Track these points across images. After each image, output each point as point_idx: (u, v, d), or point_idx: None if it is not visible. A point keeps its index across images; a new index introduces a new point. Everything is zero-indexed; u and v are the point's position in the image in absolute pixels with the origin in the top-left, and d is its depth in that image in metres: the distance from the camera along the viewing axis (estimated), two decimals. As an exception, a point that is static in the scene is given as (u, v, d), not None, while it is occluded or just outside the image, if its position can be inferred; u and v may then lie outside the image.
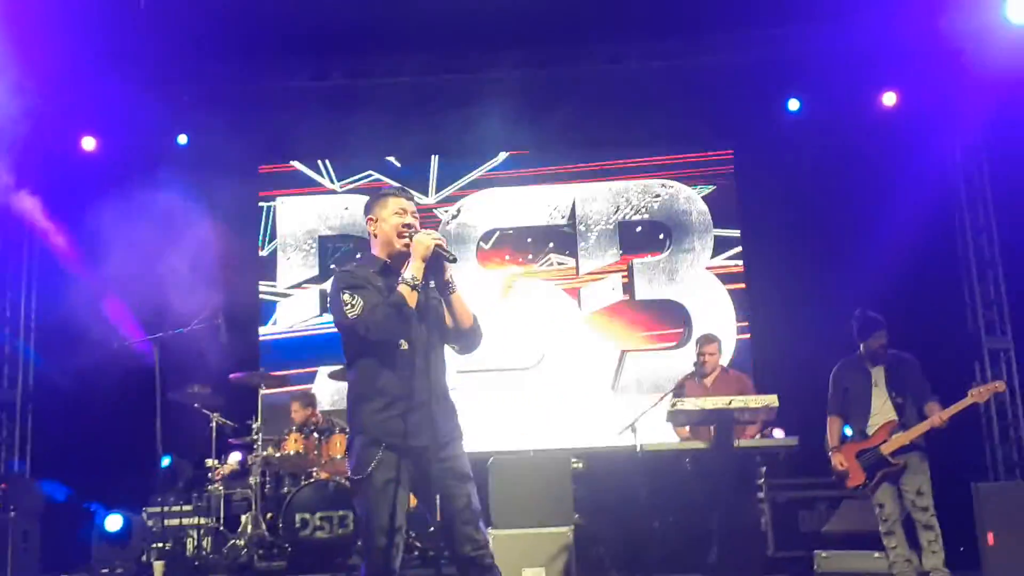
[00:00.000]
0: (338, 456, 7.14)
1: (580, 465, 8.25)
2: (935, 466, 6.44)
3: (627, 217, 9.96)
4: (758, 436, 6.99)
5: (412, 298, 3.72)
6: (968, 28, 8.29)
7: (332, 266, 9.65)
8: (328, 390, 9.08)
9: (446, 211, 9.97)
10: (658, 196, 9.98)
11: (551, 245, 9.91)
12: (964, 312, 9.42)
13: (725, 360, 7.41)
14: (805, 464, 7.78)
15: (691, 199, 9.95)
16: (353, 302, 3.71)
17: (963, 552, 6.71)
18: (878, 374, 6.60)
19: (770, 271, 9.53)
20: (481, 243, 9.89)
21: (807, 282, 9.07)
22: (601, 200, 9.98)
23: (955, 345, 9.00)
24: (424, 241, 3.78)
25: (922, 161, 8.95)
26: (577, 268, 9.86)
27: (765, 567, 6.67)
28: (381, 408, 3.72)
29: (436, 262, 3.82)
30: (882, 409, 6.52)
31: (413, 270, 3.76)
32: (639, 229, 9.94)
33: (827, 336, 7.89)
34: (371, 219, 4.00)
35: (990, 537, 6.30)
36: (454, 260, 3.88)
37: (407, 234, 3.89)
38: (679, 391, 7.08)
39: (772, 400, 6.47)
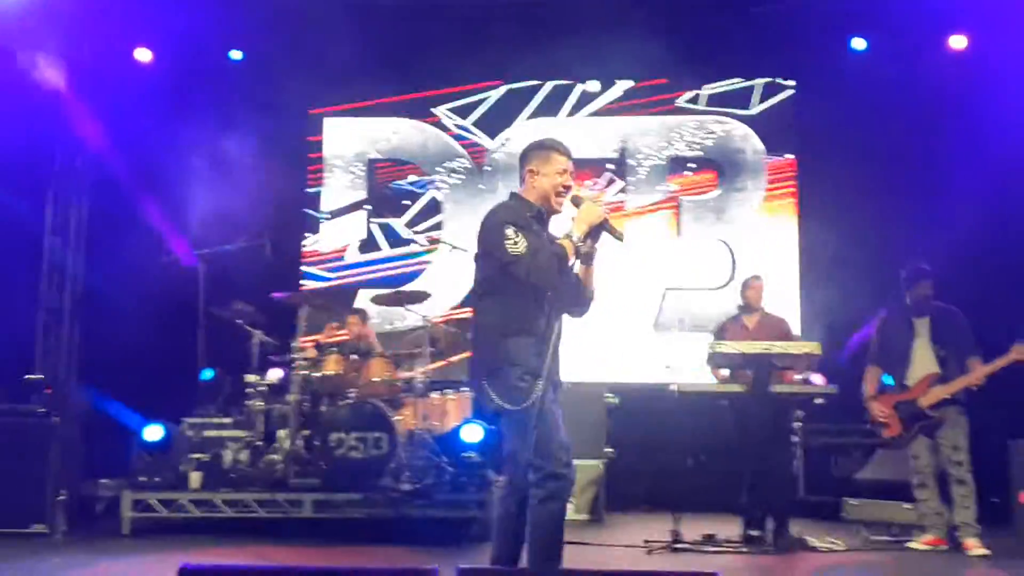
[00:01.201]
0: (376, 379, 7.22)
1: (616, 400, 8.30)
2: (973, 421, 6.37)
3: (680, 152, 9.81)
4: (799, 380, 6.93)
5: (572, 255, 3.90)
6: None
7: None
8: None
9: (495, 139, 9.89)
10: (712, 133, 9.80)
11: (599, 179, 9.81)
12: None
13: (771, 303, 7.33)
14: (842, 410, 7.72)
15: (747, 137, 9.75)
16: (517, 239, 3.84)
17: (995, 509, 6.65)
18: (922, 325, 6.50)
19: (823, 214, 9.31)
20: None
21: (860, 227, 8.87)
22: (653, 134, 9.82)
23: (1008, 301, 8.79)
24: (595, 211, 3.97)
25: (990, 111, 8.63)
26: (624, 202, 9.75)
27: (793, 510, 6.67)
28: (534, 343, 3.89)
29: (597, 232, 4.02)
30: (924, 361, 6.44)
31: (578, 230, 3.92)
32: (691, 165, 9.79)
33: (877, 284, 7.77)
34: (532, 170, 4.10)
35: (1022, 496, 6.22)
36: (621, 238, 4.06)
37: (564, 195, 4.07)
38: (720, 333, 7.03)
39: (815, 347, 6.41)
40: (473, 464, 6.89)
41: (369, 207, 9.88)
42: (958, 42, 9.10)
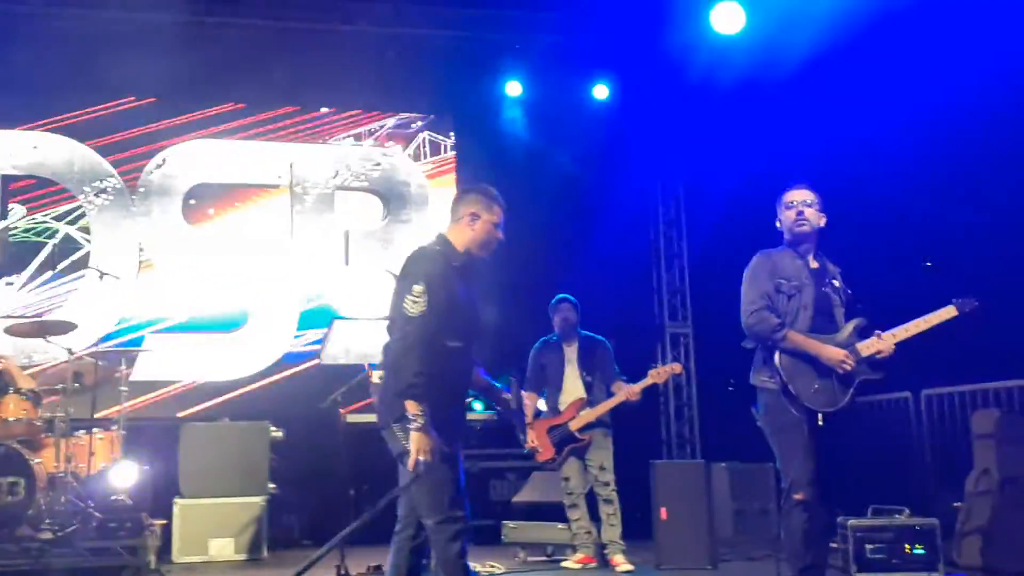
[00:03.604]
0: (11, 418, 6.54)
1: (280, 434, 8.09)
2: (618, 443, 6.85)
3: (346, 183, 9.81)
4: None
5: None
6: (679, 38, 8.82)
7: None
8: None
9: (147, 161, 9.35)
10: (378, 165, 9.90)
11: (265, 204, 9.57)
12: (652, 298, 10.12)
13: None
14: (498, 435, 8.03)
15: (411, 171, 9.94)
16: (418, 300, 3.82)
17: (638, 525, 7.18)
18: (571, 352, 6.93)
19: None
20: (189, 198, 9.36)
21: (523, 259, 9.31)
22: (321, 163, 9.75)
23: (641, 329, 9.63)
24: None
25: (626, 156, 9.48)
26: (292, 230, 9.58)
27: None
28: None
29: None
30: (573, 386, 6.85)
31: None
32: (357, 196, 9.82)
33: (530, 319, 8.17)
34: (474, 213, 4.08)
35: (663, 512, 6.76)
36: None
37: (494, 247, 4.14)
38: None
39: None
40: (124, 508, 6.42)
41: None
42: (601, 92, 9.91)
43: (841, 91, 7.88)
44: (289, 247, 9.50)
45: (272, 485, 7.78)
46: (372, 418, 6.74)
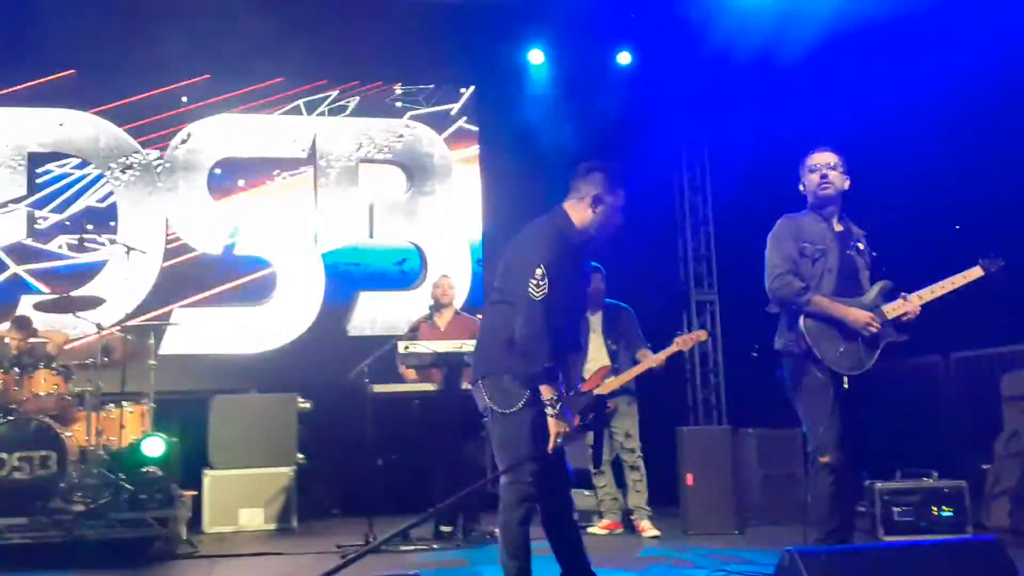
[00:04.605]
0: (41, 393, 6.64)
1: (308, 405, 8.15)
2: (643, 410, 6.86)
3: (369, 155, 9.81)
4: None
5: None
6: (702, 2, 8.72)
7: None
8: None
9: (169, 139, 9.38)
10: (401, 137, 9.89)
11: (288, 177, 9.60)
12: (677, 265, 10.07)
13: (460, 302, 7.50)
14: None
15: (433, 142, 9.92)
16: (541, 284, 3.83)
17: (665, 491, 7.21)
18: (596, 320, 6.92)
19: (507, 216, 9.68)
20: (215, 170, 9.40)
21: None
22: (344, 136, 9.76)
23: (667, 296, 9.58)
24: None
25: (650, 121, 9.40)
26: (316, 203, 9.61)
27: (483, 504, 6.87)
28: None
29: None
30: (597, 354, 6.86)
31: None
32: (381, 168, 9.82)
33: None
34: (597, 196, 4.06)
35: (689, 478, 6.77)
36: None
37: (613, 231, 4.13)
38: (412, 334, 7.09)
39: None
40: (154, 480, 6.50)
41: (29, 206, 9.04)
42: (624, 57, 9.84)
43: (866, 54, 7.76)
44: (314, 220, 9.53)
45: (301, 456, 7.85)
46: (399, 388, 6.89)
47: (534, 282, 3.82)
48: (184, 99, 9.36)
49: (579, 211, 4.08)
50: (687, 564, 5.57)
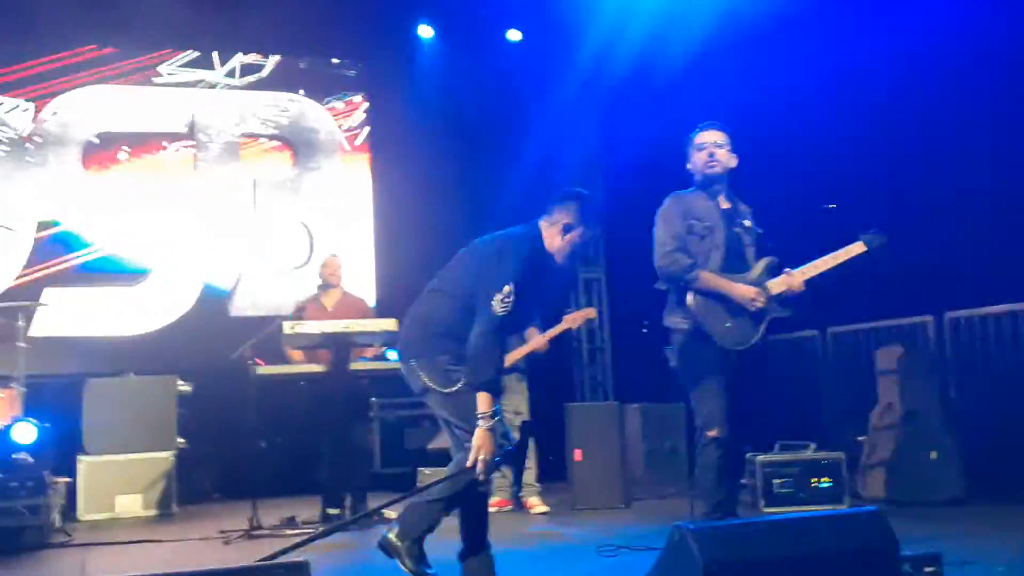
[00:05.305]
0: None
1: (188, 388, 7.91)
2: (532, 387, 6.87)
3: (253, 130, 9.53)
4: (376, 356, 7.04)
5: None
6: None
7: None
8: None
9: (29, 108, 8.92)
10: (286, 111, 9.64)
11: (167, 152, 9.25)
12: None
13: (349, 281, 7.36)
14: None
15: (320, 116, 9.71)
16: (507, 302, 3.80)
17: (553, 467, 7.24)
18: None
19: (397, 192, 9.57)
20: (90, 143, 8.98)
21: (432, 205, 9.22)
22: (225, 110, 9.45)
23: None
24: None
25: (541, 99, 9.39)
26: (195, 179, 9.28)
27: (371, 484, 6.80)
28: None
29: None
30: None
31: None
32: (264, 143, 9.56)
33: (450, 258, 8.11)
34: (568, 224, 4.04)
35: (577, 454, 6.82)
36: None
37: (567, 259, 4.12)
38: (299, 314, 6.92)
39: (391, 324, 6.51)
40: (25, 467, 6.20)
41: None
42: (514, 35, 9.80)
43: (758, 37, 7.89)
44: (194, 197, 9.22)
45: (181, 440, 7.62)
46: (284, 370, 6.72)
47: (500, 296, 3.82)
48: (58, 68, 8.93)
49: (550, 234, 4.09)
50: (575, 540, 5.61)
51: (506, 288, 3.82)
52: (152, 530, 6.49)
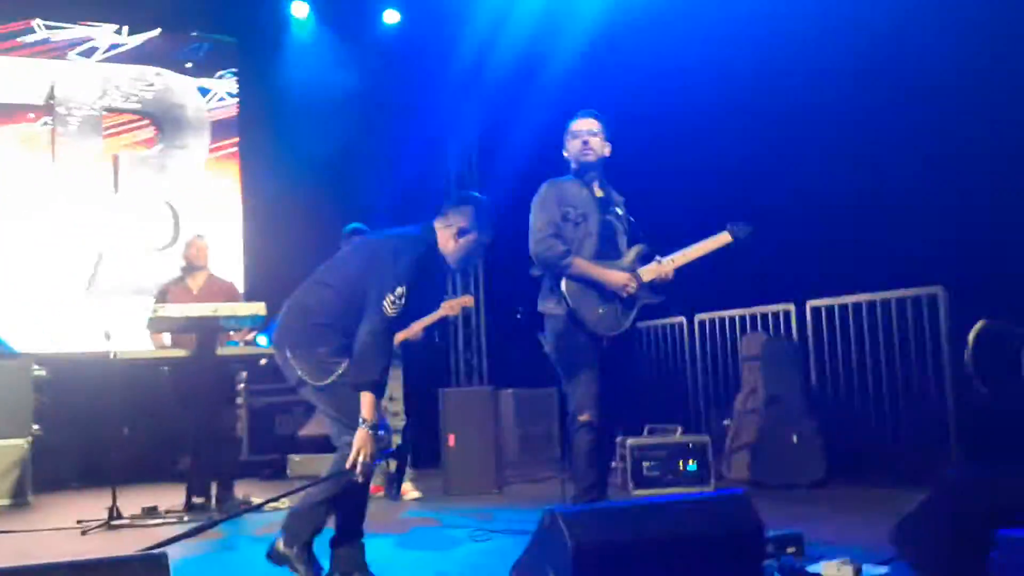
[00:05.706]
0: None
1: (44, 372, 7.57)
2: (407, 372, 6.83)
3: (115, 104, 9.15)
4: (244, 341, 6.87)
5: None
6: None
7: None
8: None
9: None
10: (151, 85, 9.29)
11: (23, 127, 8.79)
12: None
13: (217, 264, 7.14)
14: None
15: (187, 93, 9.39)
16: (397, 303, 3.75)
17: (428, 453, 7.22)
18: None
19: (266, 173, 9.34)
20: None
21: (303, 186, 9.03)
22: (87, 83, 9.04)
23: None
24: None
25: (418, 81, 9.31)
26: (53, 154, 8.86)
27: (238, 472, 6.64)
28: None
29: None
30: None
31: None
32: (128, 119, 9.19)
33: (322, 240, 7.97)
34: (463, 228, 4.02)
35: (451, 439, 6.82)
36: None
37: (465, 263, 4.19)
38: (163, 296, 6.69)
39: (260, 308, 6.35)
40: None
41: None
42: (391, 16, 9.68)
43: (637, 30, 7.99)
44: (52, 173, 8.80)
45: (36, 426, 7.28)
46: (146, 354, 6.49)
47: (391, 298, 3.76)
48: None
49: (444, 237, 4.05)
50: (448, 525, 5.61)
51: (399, 290, 3.79)
52: (6, 520, 6.19)
